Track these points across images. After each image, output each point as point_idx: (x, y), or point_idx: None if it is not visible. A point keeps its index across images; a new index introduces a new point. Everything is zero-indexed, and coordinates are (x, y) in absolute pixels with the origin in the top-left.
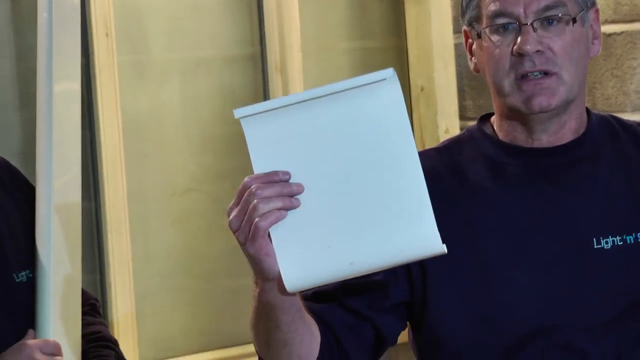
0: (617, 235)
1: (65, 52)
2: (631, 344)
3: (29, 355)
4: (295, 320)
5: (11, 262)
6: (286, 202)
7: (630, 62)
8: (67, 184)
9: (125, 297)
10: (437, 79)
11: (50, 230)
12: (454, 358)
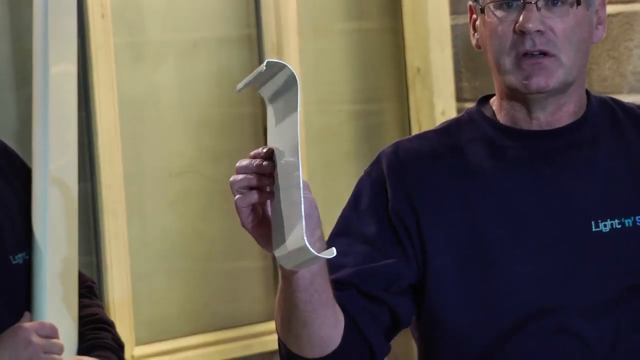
0: (615, 219)
1: (62, 33)
2: (629, 326)
3: (26, 338)
4: (313, 301)
5: (7, 244)
6: (247, 182)
7: (627, 43)
8: (63, 166)
9: (122, 279)
10: (433, 61)
11: (47, 212)
12: (452, 340)
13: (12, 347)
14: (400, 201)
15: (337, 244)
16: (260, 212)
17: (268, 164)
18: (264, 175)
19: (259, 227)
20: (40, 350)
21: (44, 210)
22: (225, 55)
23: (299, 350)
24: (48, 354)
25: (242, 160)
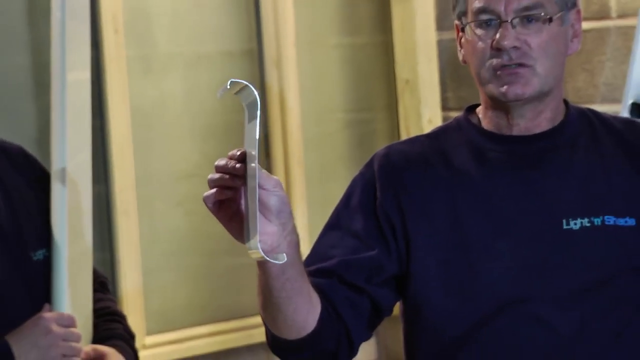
0: (585, 218)
1: (76, 44)
2: (593, 315)
3: (46, 327)
4: (286, 288)
5: (28, 242)
6: (218, 181)
7: (600, 57)
8: (78, 166)
9: (133, 274)
10: (420, 73)
11: (64, 212)
12: (432, 327)
13: (33, 335)
14: (388, 200)
15: (328, 236)
16: (234, 207)
17: (240, 166)
18: (237, 175)
19: (232, 221)
20: (59, 339)
21: (62, 211)
22: (228, 68)
23: (277, 332)
24: (66, 341)
25: (220, 160)
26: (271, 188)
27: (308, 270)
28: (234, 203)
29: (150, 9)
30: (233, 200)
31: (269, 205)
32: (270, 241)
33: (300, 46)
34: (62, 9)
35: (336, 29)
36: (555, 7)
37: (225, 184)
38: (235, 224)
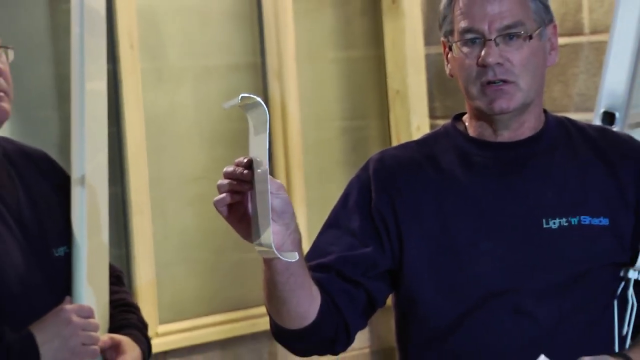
0: (563, 217)
1: (94, 57)
2: (570, 307)
3: (67, 318)
4: (290, 282)
5: (50, 240)
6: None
7: (573, 69)
8: (96, 170)
9: (147, 268)
10: (410, 84)
11: (84, 211)
12: (422, 317)
13: (55, 325)
14: (383, 200)
15: (327, 234)
16: (242, 210)
17: (248, 172)
18: (243, 181)
19: (241, 222)
20: (79, 328)
21: (81, 210)
22: (234, 79)
23: (281, 323)
24: (85, 331)
25: (228, 167)
26: (275, 191)
27: (308, 265)
28: (242, 206)
29: (162, 25)
30: (241, 204)
31: (273, 206)
32: (276, 240)
33: (300, 60)
34: (80, 25)
35: (333, 44)
36: (534, 24)
37: (234, 189)
38: (243, 225)
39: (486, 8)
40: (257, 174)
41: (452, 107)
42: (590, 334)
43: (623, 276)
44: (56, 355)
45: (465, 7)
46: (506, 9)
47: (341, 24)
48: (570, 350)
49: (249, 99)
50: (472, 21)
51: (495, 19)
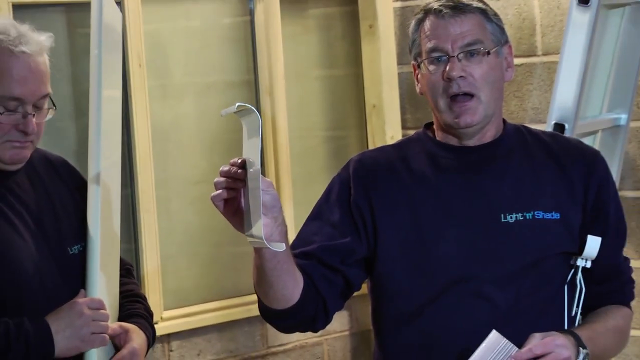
0: (519, 213)
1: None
2: (525, 292)
3: (79, 310)
4: (277, 268)
5: (66, 239)
6: (223, 184)
7: (528, 86)
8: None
9: (153, 260)
10: (385, 99)
11: (98, 207)
12: (393, 298)
13: (69, 316)
14: (361, 196)
15: (310, 225)
16: (235, 205)
17: (241, 171)
18: (237, 179)
19: (235, 216)
20: (90, 319)
21: (96, 206)
22: (230, 95)
23: (268, 304)
24: (96, 321)
25: (224, 167)
26: (265, 188)
27: (293, 253)
28: (236, 201)
29: (167, 47)
30: (235, 199)
31: (263, 201)
32: (265, 231)
33: (288, 78)
34: (99, 46)
35: (317, 64)
36: (491, 43)
37: (228, 185)
38: (237, 218)
39: (449, 29)
40: (249, 173)
41: (422, 119)
42: (543, 315)
43: (572, 264)
44: (69, 343)
45: (431, 30)
46: (466, 29)
47: (324, 46)
48: (524, 330)
49: (244, 107)
50: (437, 41)
51: (457, 38)
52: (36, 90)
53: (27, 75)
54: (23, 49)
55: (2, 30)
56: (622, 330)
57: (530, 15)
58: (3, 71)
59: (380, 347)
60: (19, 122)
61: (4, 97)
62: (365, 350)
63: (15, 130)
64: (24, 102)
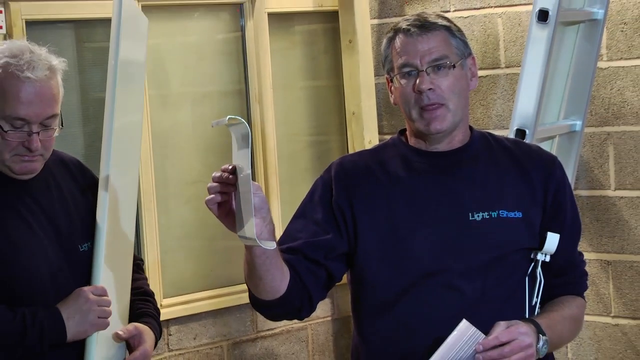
0: (485, 211)
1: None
2: (492, 283)
3: (85, 296)
4: (266, 263)
5: (78, 237)
6: (216, 188)
7: (492, 95)
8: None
9: (154, 252)
10: (363, 107)
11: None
12: (371, 290)
13: (77, 303)
14: (341, 197)
15: (296, 223)
16: (227, 207)
17: (232, 177)
18: (229, 183)
19: (227, 217)
20: (95, 304)
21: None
22: (224, 103)
23: (258, 295)
24: (100, 306)
25: (216, 172)
26: (254, 191)
27: (280, 248)
28: (227, 204)
29: (166, 60)
30: (227, 202)
31: (253, 203)
32: (255, 230)
33: (276, 88)
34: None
35: (302, 75)
36: (456, 57)
37: (221, 190)
38: (229, 219)
39: (417, 46)
40: (240, 178)
41: (397, 125)
42: (506, 304)
43: (533, 258)
44: (78, 327)
45: (401, 47)
46: (433, 45)
47: (308, 59)
48: (490, 318)
49: (235, 120)
50: (407, 57)
51: (425, 54)
52: (41, 112)
53: (32, 98)
54: (29, 74)
55: (17, 53)
56: (577, 319)
57: (494, 32)
58: (10, 93)
59: (359, 334)
60: (24, 139)
61: (10, 117)
62: (345, 334)
63: (22, 146)
64: (29, 122)
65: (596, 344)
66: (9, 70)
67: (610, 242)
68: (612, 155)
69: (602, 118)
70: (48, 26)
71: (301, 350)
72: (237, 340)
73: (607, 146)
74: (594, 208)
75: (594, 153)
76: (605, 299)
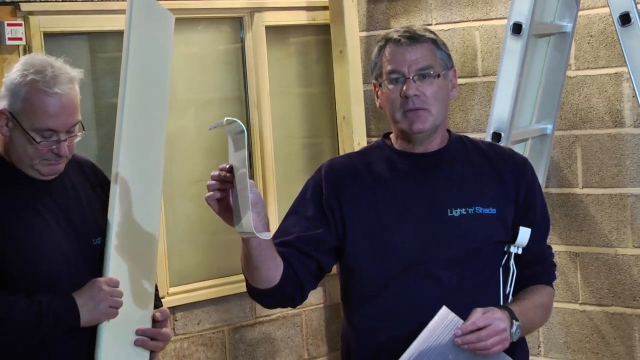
0: (462, 208)
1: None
2: (468, 274)
3: (99, 286)
4: (262, 255)
5: (91, 231)
6: (215, 186)
7: (470, 101)
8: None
9: (161, 246)
10: (353, 112)
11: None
12: (358, 280)
13: (91, 292)
14: (331, 195)
15: (289, 219)
16: (225, 203)
17: (229, 175)
18: (226, 181)
19: (225, 212)
20: (108, 294)
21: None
22: (224, 109)
23: (254, 284)
24: (112, 296)
25: (214, 171)
26: (250, 188)
27: (274, 242)
28: (225, 200)
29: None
30: (225, 199)
31: (250, 198)
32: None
33: (273, 94)
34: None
35: (296, 83)
36: (440, 68)
37: (219, 187)
38: (227, 215)
39: (405, 55)
40: (237, 176)
41: (383, 129)
42: (482, 293)
43: (506, 251)
44: (91, 314)
45: (390, 55)
46: (420, 56)
47: (302, 68)
48: (467, 306)
49: (232, 121)
50: (395, 65)
51: (412, 63)
52: (67, 122)
53: (59, 111)
54: (56, 90)
55: (40, 69)
56: (547, 306)
57: (472, 43)
58: (39, 108)
59: (348, 320)
60: (53, 146)
61: (40, 129)
62: (336, 320)
63: (51, 152)
64: (58, 131)
65: (565, 329)
66: (37, 87)
67: (578, 236)
68: (580, 157)
69: (570, 122)
70: (64, 38)
71: (296, 335)
72: (237, 326)
73: (575, 148)
74: (564, 204)
75: (563, 154)
76: (574, 287)
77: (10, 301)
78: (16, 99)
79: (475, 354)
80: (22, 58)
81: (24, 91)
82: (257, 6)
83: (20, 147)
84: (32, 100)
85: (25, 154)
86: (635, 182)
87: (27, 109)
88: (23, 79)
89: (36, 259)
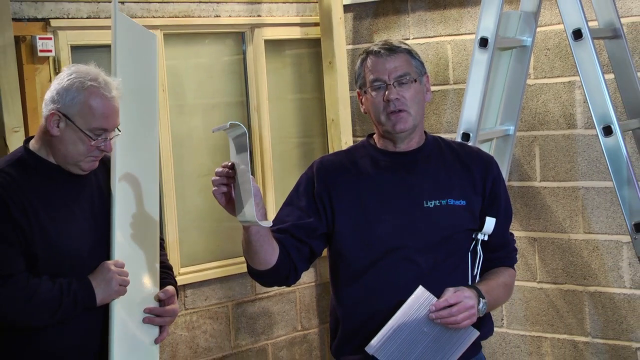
0: (437, 200)
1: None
2: (441, 258)
3: (108, 268)
4: (260, 240)
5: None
6: (220, 181)
7: (443, 106)
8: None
9: (173, 232)
10: (340, 115)
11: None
12: (345, 262)
13: (102, 273)
14: (322, 189)
15: (284, 209)
16: (228, 196)
17: (231, 172)
18: (229, 177)
19: (228, 204)
20: (116, 274)
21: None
22: (228, 113)
23: (253, 265)
24: (120, 276)
25: (218, 168)
26: (251, 183)
27: (271, 229)
28: (228, 194)
29: (183, 77)
30: (228, 192)
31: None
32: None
33: (271, 99)
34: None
35: (291, 90)
36: (416, 74)
37: (223, 182)
38: (230, 205)
39: (385, 65)
40: (238, 172)
41: (367, 130)
42: (453, 274)
43: (474, 237)
44: (104, 293)
45: (372, 66)
46: (398, 64)
47: (296, 77)
48: (441, 285)
49: (236, 125)
50: (377, 74)
51: (392, 71)
52: (115, 122)
53: (111, 112)
54: (113, 94)
55: (94, 77)
56: (509, 285)
57: (444, 55)
58: (97, 110)
59: (336, 297)
60: (101, 144)
61: (95, 129)
62: (326, 296)
63: (97, 149)
64: (107, 130)
65: (525, 304)
66: (96, 92)
67: (536, 223)
68: (538, 154)
69: (530, 124)
70: (89, 50)
71: (291, 309)
72: (240, 301)
73: (534, 147)
74: (524, 196)
75: (524, 152)
76: (532, 268)
77: (35, 283)
78: (72, 102)
79: (447, 327)
80: (68, 69)
81: (82, 95)
82: (257, 23)
83: (70, 145)
84: (90, 103)
85: (75, 151)
86: (586, 176)
87: (84, 110)
88: (81, 85)
89: (61, 246)
